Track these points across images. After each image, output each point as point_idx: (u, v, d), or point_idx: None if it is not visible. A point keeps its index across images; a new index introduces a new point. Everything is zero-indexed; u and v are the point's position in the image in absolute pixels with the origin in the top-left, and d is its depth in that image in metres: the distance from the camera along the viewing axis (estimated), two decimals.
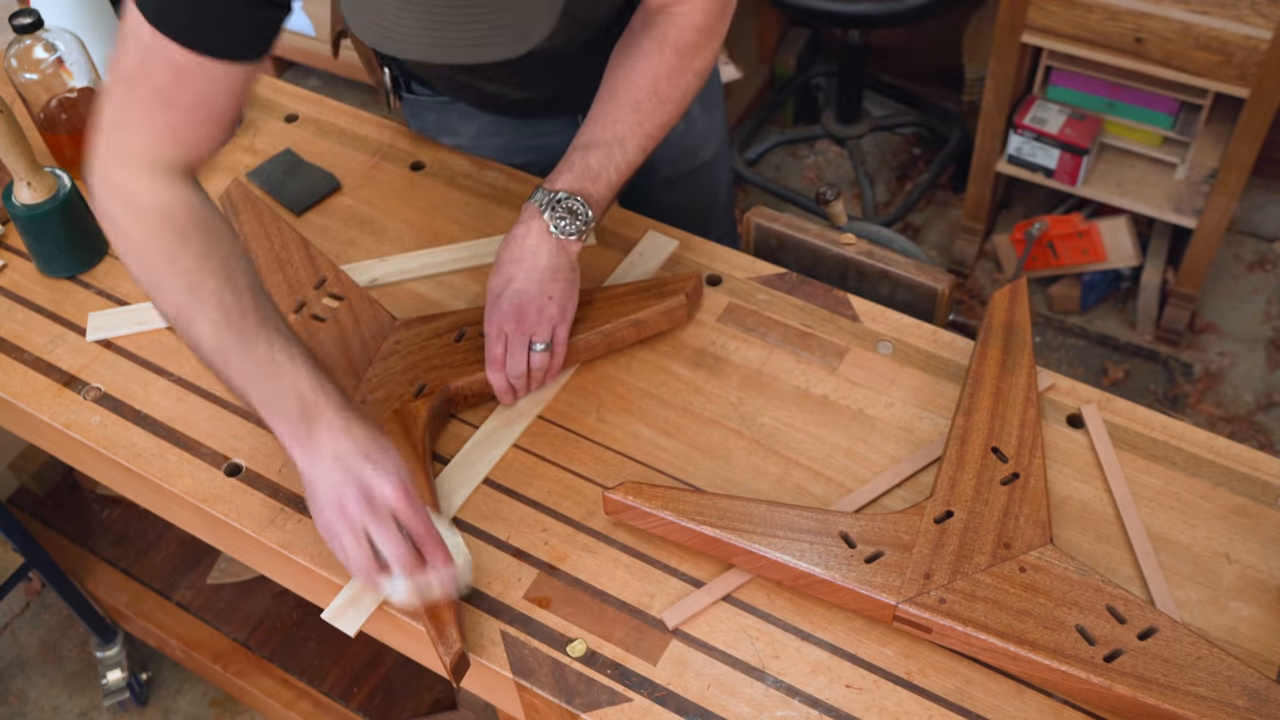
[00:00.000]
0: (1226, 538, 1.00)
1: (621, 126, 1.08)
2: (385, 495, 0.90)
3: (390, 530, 0.91)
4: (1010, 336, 1.10)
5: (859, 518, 0.98)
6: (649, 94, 1.08)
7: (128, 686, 1.91)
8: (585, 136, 1.09)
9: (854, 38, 2.39)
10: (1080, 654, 0.89)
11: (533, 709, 0.98)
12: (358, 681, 1.67)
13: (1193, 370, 2.23)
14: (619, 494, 1.00)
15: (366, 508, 0.90)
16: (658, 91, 1.08)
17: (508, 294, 1.07)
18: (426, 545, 0.92)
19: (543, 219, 1.06)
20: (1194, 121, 2.06)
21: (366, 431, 0.93)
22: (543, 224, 1.06)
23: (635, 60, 1.08)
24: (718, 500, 0.99)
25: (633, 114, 1.08)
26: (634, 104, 1.08)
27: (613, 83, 1.09)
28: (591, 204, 1.07)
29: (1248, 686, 0.87)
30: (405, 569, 0.91)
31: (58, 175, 1.24)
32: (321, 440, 0.92)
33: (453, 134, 1.41)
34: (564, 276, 1.08)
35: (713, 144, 1.48)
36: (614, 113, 1.08)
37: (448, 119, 1.40)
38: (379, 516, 0.90)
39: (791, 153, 2.71)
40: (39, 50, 1.30)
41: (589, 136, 1.09)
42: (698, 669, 0.95)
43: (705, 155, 1.48)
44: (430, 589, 0.92)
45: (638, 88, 1.08)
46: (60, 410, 1.16)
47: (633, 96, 1.08)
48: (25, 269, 1.30)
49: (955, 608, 0.92)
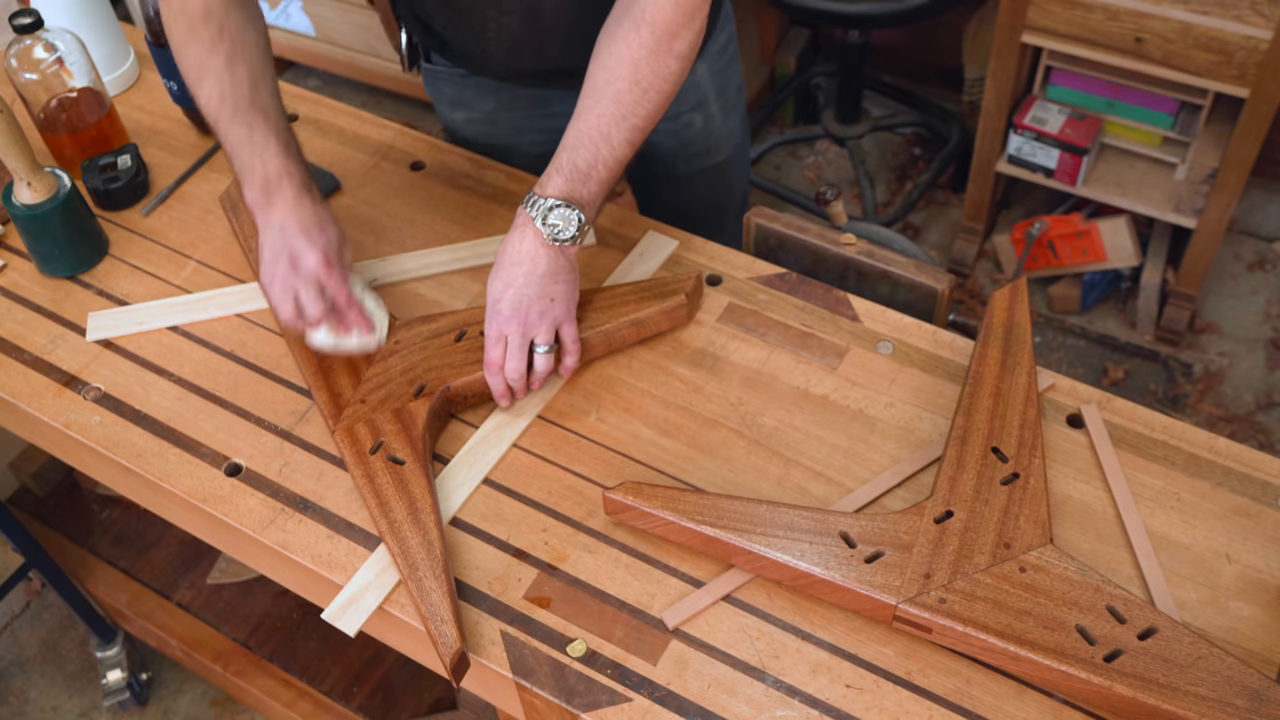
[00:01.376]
0: (1226, 538, 1.00)
1: (606, 121, 1.08)
2: (309, 264, 1.07)
3: (310, 293, 1.08)
4: (1010, 336, 1.10)
5: (859, 518, 0.98)
6: (630, 84, 1.07)
7: (128, 686, 1.91)
8: (571, 134, 1.09)
9: (854, 38, 2.39)
10: (1080, 654, 0.89)
11: (533, 709, 0.98)
12: (358, 681, 1.67)
13: (1193, 370, 2.23)
14: (619, 494, 1.00)
15: (292, 271, 1.08)
16: (639, 80, 1.07)
17: (508, 298, 1.07)
18: (342, 310, 1.10)
19: (536, 226, 1.07)
20: (1194, 121, 2.06)
21: (312, 210, 1.09)
22: (537, 231, 1.06)
23: (614, 45, 1.08)
24: (718, 500, 0.99)
25: (615, 106, 1.07)
26: (615, 95, 1.07)
27: (594, 74, 1.09)
28: (583, 207, 1.07)
29: (1248, 686, 0.87)
30: (319, 325, 1.10)
31: (58, 175, 1.24)
32: (274, 212, 1.09)
33: (467, 107, 1.42)
34: (565, 278, 1.08)
35: (730, 144, 1.48)
36: (597, 107, 1.08)
37: (463, 92, 1.40)
38: (303, 280, 1.08)
39: (791, 153, 2.71)
40: (39, 50, 1.30)
41: (575, 134, 1.09)
42: (698, 669, 0.95)
43: (721, 155, 1.48)
44: (348, 344, 1.12)
45: (619, 78, 1.07)
46: (60, 410, 1.16)
47: (614, 88, 1.07)
48: (25, 269, 1.30)
49: (955, 608, 0.92)
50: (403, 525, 1.01)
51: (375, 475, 1.04)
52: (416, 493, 1.03)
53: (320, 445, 1.11)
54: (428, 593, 0.96)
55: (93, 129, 1.35)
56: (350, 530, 1.05)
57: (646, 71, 1.07)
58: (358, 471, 1.05)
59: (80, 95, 1.34)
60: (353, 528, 1.05)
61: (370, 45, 2.69)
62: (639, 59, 1.07)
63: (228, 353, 1.20)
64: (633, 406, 1.12)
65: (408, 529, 1.00)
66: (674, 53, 1.08)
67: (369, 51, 2.71)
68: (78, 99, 1.34)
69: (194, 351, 1.20)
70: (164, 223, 1.33)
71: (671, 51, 1.08)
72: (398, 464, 1.05)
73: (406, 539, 1.00)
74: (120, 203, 1.34)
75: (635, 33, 1.07)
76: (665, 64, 1.08)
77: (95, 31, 1.43)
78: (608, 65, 1.08)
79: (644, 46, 1.07)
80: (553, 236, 1.06)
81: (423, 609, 0.95)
